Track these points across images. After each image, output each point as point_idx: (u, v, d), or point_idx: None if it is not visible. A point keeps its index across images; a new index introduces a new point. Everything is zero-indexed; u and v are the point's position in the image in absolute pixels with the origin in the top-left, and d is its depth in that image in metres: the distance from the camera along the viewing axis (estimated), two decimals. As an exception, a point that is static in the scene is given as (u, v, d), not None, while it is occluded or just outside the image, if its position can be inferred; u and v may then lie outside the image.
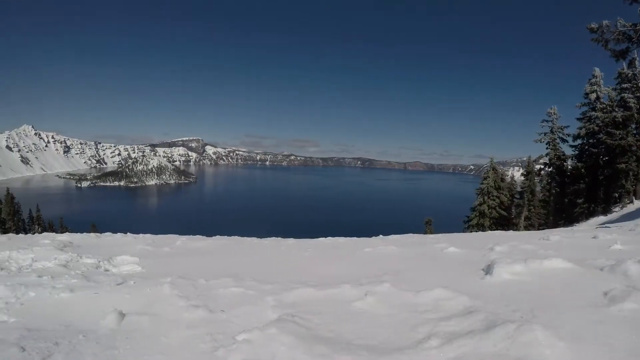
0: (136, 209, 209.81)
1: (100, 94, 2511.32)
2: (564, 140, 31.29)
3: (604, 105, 27.30)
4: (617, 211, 24.25)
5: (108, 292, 5.06)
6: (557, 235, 9.44)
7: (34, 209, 58.12)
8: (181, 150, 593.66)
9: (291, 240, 12.31)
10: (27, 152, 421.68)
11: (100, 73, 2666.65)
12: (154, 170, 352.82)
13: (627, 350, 2.86)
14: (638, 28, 17.00)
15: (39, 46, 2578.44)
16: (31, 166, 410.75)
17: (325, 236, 13.10)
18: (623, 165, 25.00)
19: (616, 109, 26.38)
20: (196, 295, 5.09)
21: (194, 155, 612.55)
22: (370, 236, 13.27)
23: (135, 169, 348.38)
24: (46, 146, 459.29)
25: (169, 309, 4.56)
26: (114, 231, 14.01)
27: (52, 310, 4.42)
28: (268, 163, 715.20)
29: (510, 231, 21.05)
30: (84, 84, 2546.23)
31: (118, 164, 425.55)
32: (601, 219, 23.40)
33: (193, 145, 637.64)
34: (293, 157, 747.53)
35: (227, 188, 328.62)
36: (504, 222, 32.42)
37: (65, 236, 11.55)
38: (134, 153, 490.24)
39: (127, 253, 8.32)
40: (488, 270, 5.40)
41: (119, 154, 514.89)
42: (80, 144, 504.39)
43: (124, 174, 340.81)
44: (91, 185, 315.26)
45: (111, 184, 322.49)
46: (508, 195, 33.47)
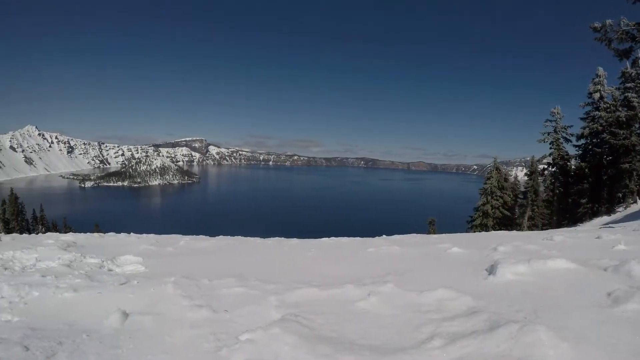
0: (140, 209, 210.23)
1: (103, 94, 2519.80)
2: (567, 140, 31.18)
3: (608, 105, 27.18)
4: (621, 211, 24.14)
5: (111, 292, 5.08)
6: (561, 236, 9.39)
7: (37, 209, 58.30)
8: (184, 150, 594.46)
9: (294, 240, 12.30)
10: (31, 153, 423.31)
11: (103, 74, 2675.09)
12: (158, 170, 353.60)
13: (631, 351, 2.86)
14: (642, 27, 16.94)
15: (42, 47, 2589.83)
16: (35, 166, 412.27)
17: (329, 236, 13.11)
18: (627, 165, 24.89)
19: (620, 109, 26.25)
20: (200, 295, 5.09)
21: (197, 155, 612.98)
22: (373, 236, 13.25)
23: (138, 169, 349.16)
24: (50, 146, 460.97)
25: (173, 309, 4.57)
26: (118, 231, 14.05)
27: (56, 310, 4.45)
28: (271, 163, 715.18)
29: (514, 231, 21.00)
30: (87, 84, 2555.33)
31: (121, 164, 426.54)
32: (605, 219, 23.31)
33: (196, 145, 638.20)
34: (296, 157, 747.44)
35: (231, 188, 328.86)
36: (508, 222, 32.34)
37: (69, 236, 11.58)
38: (138, 153, 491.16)
39: (131, 253, 8.34)
40: (491, 270, 5.39)
41: (123, 154, 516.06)
42: (84, 144, 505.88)
43: (128, 174, 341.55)
44: (95, 185, 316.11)
45: (115, 184, 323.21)
46: (511, 195, 33.39)
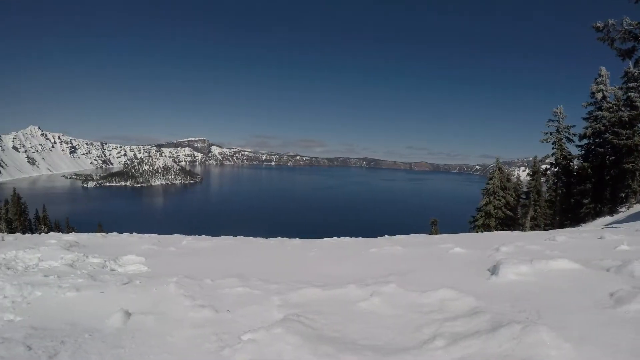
0: (142, 209, 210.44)
1: (106, 94, 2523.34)
2: (570, 140, 31.08)
3: (610, 105, 27.10)
4: (624, 211, 24.07)
5: (114, 292, 5.09)
6: (563, 236, 9.38)
7: (40, 209, 58.38)
8: (187, 150, 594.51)
9: (297, 241, 12.30)
10: (34, 153, 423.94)
11: (106, 74, 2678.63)
12: (160, 170, 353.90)
13: (633, 351, 2.84)
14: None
15: (45, 47, 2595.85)
16: (37, 166, 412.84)
17: (331, 236, 13.11)
18: (629, 165, 24.82)
19: (622, 109, 26.17)
20: (202, 294, 5.10)
21: (199, 155, 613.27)
22: (375, 236, 13.26)
23: (141, 169, 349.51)
24: (52, 147, 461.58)
25: (175, 309, 4.58)
26: (120, 231, 14.06)
27: (58, 310, 4.46)
28: (274, 163, 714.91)
29: (516, 231, 20.95)
30: (90, 84, 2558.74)
31: (124, 164, 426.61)
32: (607, 219, 23.24)
33: (199, 145, 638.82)
34: (299, 157, 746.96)
35: (233, 188, 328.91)
36: (510, 223, 32.27)
37: (72, 236, 11.60)
38: (140, 153, 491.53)
39: (133, 253, 8.35)
40: (494, 270, 5.39)
41: (125, 155, 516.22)
42: (87, 144, 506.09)
43: (130, 174, 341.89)
44: (97, 185, 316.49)
45: (117, 184, 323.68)
46: (514, 196, 33.32)
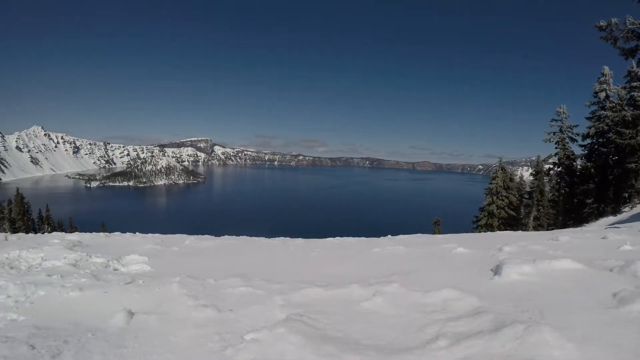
0: (145, 209, 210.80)
1: (109, 94, 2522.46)
2: (573, 140, 30.96)
3: (614, 104, 26.99)
4: (627, 211, 23.97)
5: (117, 291, 5.11)
6: (566, 236, 9.34)
7: (43, 208, 58.47)
8: (190, 150, 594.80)
9: (299, 240, 12.32)
10: (37, 153, 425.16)
11: (108, 74, 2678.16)
12: (163, 170, 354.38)
13: (637, 352, 2.83)
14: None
15: (48, 47, 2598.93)
16: (41, 166, 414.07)
17: (334, 236, 13.12)
18: (633, 165, 24.70)
19: (626, 108, 26.06)
20: (205, 294, 5.11)
21: (202, 155, 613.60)
22: (378, 236, 13.26)
23: (144, 169, 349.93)
24: (56, 147, 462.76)
25: (178, 308, 4.59)
26: (123, 231, 14.10)
27: (62, 309, 4.47)
28: (276, 163, 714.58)
29: (519, 231, 20.92)
30: (93, 84, 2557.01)
31: (127, 164, 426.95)
32: (611, 219, 23.15)
33: (202, 145, 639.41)
34: (301, 157, 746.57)
35: (236, 188, 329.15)
36: (513, 223, 32.19)
37: (75, 236, 11.63)
38: (143, 153, 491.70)
39: (136, 252, 8.38)
40: (497, 270, 5.37)
41: (128, 155, 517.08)
42: (90, 144, 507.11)
43: (133, 174, 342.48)
44: (100, 185, 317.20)
45: (120, 184, 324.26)
46: (517, 195, 33.23)
